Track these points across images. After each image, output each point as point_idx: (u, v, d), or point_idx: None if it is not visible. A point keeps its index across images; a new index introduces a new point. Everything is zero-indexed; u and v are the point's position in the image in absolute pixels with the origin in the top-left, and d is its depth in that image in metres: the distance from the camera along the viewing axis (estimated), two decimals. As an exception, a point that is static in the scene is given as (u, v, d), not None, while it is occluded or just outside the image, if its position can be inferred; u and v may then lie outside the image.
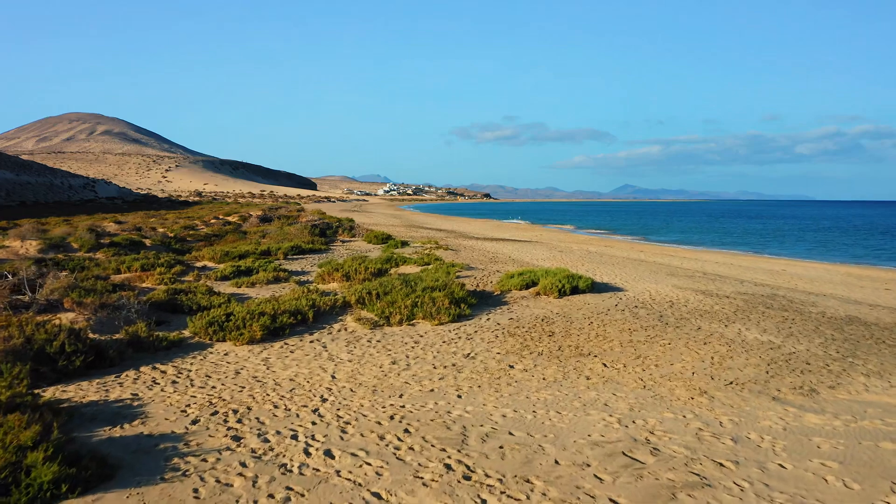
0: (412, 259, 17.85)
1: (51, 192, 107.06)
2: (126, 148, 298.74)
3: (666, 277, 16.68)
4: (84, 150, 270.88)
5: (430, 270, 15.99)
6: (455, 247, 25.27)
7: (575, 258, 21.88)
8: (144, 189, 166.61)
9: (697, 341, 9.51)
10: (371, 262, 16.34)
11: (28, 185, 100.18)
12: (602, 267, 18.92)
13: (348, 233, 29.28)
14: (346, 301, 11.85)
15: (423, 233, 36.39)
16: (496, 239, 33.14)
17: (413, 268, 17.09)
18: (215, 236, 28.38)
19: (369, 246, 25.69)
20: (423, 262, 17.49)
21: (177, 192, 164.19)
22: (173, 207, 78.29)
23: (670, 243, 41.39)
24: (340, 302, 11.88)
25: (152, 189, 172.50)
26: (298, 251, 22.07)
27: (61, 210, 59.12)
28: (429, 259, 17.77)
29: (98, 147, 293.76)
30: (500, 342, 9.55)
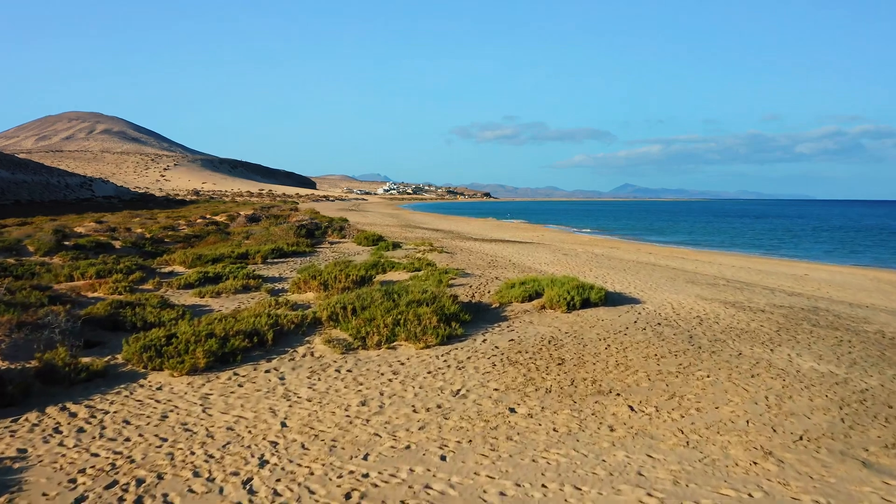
0: (402, 264, 16.03)
1: (47, 190, 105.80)
2: (125, 147, 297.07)
3: (686, 286, 14.86)
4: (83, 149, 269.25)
5: (420, 278, 14.19)
6: (451, 249, 23.46)
7: (581, 262, 20.06)
8: (142, 188, 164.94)
9: (742, 373, 7.69)
10: (354, 269, 14.53)
11: (24, 184, 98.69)
12: (612, 273, 17.10)
13: (338, 234, 27.49)
14: (316, 317, 10.04)
15: (418, 233, 34.58)
16: (495, 240, 31.33)
17: (402, 274, 15.27)
18: (195, 237, 26.57)
19: (359, 248, 23.89)
20: (413, 267, 15.67)
21: (174, 191, 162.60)
22: (168, 206, 76.64)
23: (679, 244, 39.57)
24: (310, 318, 10.07)
25: (150, 188, 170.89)
26: (279, 254, 20.25)
27: (55, 209, 57.76)
28: (420, 264, 15.94)
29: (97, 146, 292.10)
30: (497, 373, 7.74)
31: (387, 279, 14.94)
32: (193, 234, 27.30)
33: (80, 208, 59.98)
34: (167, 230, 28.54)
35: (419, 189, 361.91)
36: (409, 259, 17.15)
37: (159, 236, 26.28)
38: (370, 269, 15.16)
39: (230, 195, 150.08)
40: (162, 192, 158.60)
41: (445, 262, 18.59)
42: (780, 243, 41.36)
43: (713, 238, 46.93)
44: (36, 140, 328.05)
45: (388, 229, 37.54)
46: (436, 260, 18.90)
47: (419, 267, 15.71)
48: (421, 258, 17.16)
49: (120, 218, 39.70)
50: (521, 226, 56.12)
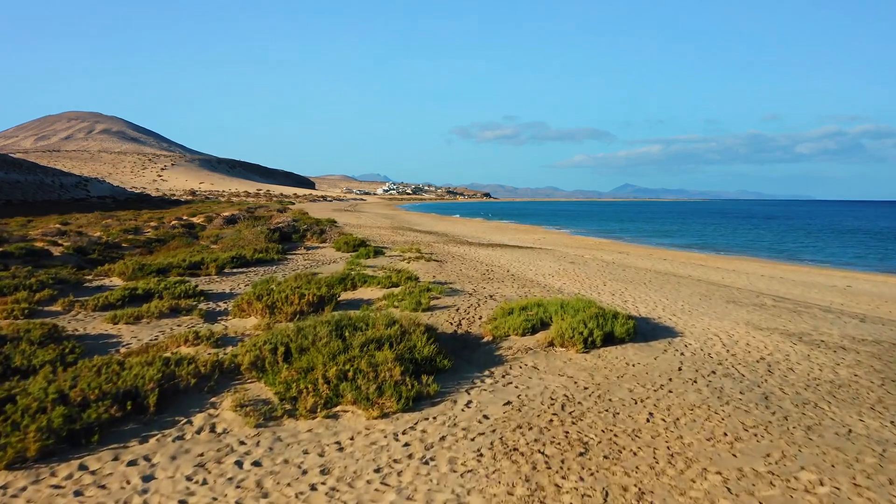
0: (377, 278, 13.17)
1: (40, 190, 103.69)
2: (125, 147, 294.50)
3: (727, 307, 12.01)
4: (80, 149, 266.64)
5: (395, 297, 11.37)
6: (441, 255, 20.64)
7: (591, 272, 17.23)
8: (139, 188, 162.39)
9: (871, 474, 4.86)
10: (314, 285, 11.70)
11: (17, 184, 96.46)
12: (631, 288, 14.27)
13: (317, 238, 24.68)
14: (235, 363, 7.21)
15: (410, 236, 31.75)
16: (493, 245, 28.49)
17: (375, 291, 12.45)
18: (157, 242, 23.78)
19: (337, 254, 21.07)
20: (390, 282, 12.82)
21: (171, 191, 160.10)
22: (158, 207, 74.24)
23: (693, 249, 36.68)
24: (228, 363, 7.24)
25: (147, 188, 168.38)
26: (240, 263, 17.42)
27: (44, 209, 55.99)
28: (399, 278, 13.09)
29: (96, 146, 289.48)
30: (484, 473, 4.90)
31: (356, 297, 12.12)
32: (156, 239, 24.49)
33: (71, 208, 57.73)
34: (129, 233, 25.71)
35: (419, 189, 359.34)
36: (388, 271, 14.28)
37: (116, 241, 23.45)
38: (336, 286, 12.33)
39: (227, 195, 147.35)
40: (159, 192, 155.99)
41: (432, 272, 15.76)
42: (801, 247, 38.38)
43: (728, 241, 43.97)
44: (35, 140, 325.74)
45: (377, 232, 34.74)
46: (421, 271, 16.07)
47: (397, 281, 12.87)
48: (402, 270, 14.31)
49: (91, 219, 36.92)
50: (520, 228, 53.27)
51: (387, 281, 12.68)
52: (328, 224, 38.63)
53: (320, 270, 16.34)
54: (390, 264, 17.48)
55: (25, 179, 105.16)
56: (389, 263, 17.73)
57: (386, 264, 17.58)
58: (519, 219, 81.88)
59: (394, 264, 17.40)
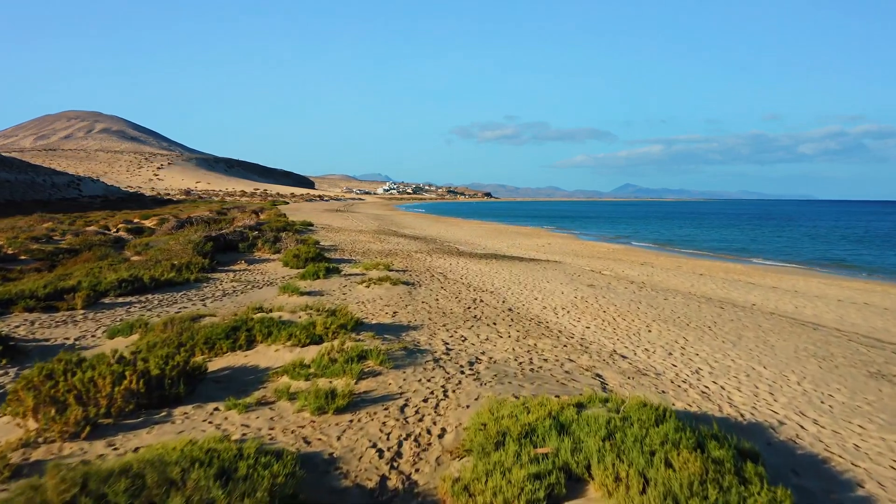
0: (290, 328, 8.16)
1: (31, 189, 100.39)
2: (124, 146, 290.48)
3: (867, 382, 7.07)
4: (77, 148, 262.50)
5: (301, 370, 6.47)
6: (418, 273, 15.75)
7: (621, 303, 12.29)
8: (134, 187, 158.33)
9: None
10: (158, 353, 6.78)
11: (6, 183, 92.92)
12: (693, 337, 9.30)
13: (269, 247, 19.78)
14: None
15: (392, 243, 26.82)
16: (488, 256, 23.54)
17: (282, 350, 7.51)
18: (68, 253, 18.93)
19: (282, 271, 16.16)
20: (308, 334, 7.86)
21: (167, 191, 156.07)
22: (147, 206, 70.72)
23: (724, 256, 31.61)
24: None
25: (143, 187, 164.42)
26: (135, 288, 12.48)
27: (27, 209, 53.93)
28: (328, 326, 8.13)
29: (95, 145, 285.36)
30: None
31: (246, 364, 7.21)
32: (68, 249, 19.63)
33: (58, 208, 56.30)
34: (38, 241, 20.81)
35: (419, 189, 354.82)
36: (316, 312, 9.26)
37: (14, 252, 18.58)
38: (219, 341, 7.44)
39: (221, 195, 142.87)
40: (154, 191, 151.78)
41: (393, 306, 10.85)
42: (854, 255, 33.03)
43: (759, 246, 38.62)
44: (35, 139, 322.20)
45: (355, 237, 29.83)
46: (378, 303, 11.14)
47: (322, 333, 7.92)
48: (338, 310, 9.26)
49: (31, 221, 32.19)
50: (522, 230, 48.24)
51: (302, 335, 7.71)
52: (302, 227, 33.73)
53: (237, 300, 11.42)
54: (339, 290, 12.57)
55: (16, 178, 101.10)
56: (339, 288, 12.81)
57: (333, 289, 12.66)
58: (520, 220, 77.01)
59: (344, 290, 12.49)
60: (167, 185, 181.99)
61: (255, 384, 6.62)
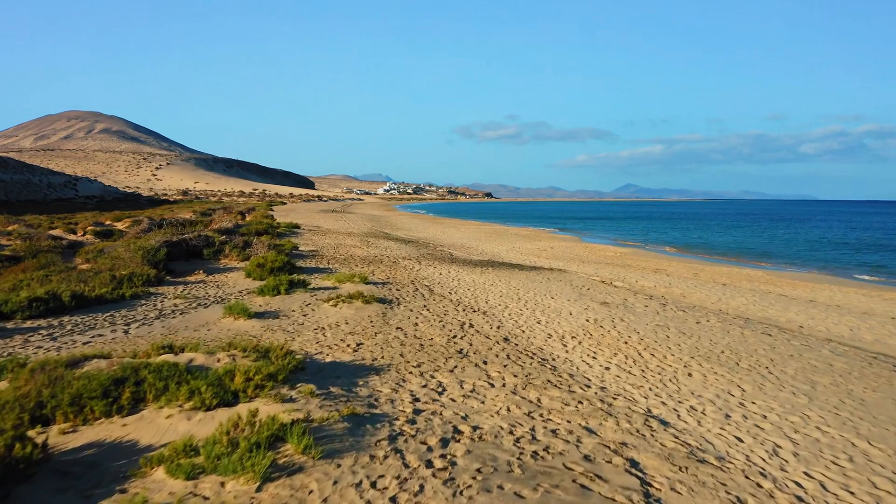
0: (196, 382, 5.87)
1: (26, 189, 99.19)
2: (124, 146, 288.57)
3: None
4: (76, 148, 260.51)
5: (179, 467, 4.22)
6: (400, 286, 13.46)
7: (644, 329, 9.98)
8: (132, 187, 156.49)
9: None
10: None
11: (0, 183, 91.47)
12: (752, 386, 6.98)
13: (238, 253, 17.51)
14: None
15: (380, 248, 24.53)
16: (485, 263, 21.24)
17: (176, 418, 5.24)
18: (9, 261, 16.67)
19: (246, 283, 13.88)
20: (223, 388, 5.59)
21: (164, 191, 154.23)
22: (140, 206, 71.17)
23: (742, 261, 29.23)
24: None
25: (141, 187, 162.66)
26: (44, 310, 10.19)
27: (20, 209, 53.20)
28: (257, 375, 5.87)
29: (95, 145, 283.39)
30: None
31: (119, 440, 4.92)
32: (10, 257, 17.36)
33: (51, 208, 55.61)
34: (-20, 247, 18.54)
35: (419, 189, 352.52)
36: (247, 350, 6.95)
37: (-55, 259, 16.32)
38: (93, 403, 5.18)
39: (218, 195, 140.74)
40: (152, 191, 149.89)
41: (360, 334, 8.57)
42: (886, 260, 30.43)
43: (778, 249, 35.87)
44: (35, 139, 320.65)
45: (342, 241, 27.54)
46: (344, 327, 8.86)
47: (238, 390, 5.65)
48: (275, 349, 6.95)
49: None
50: (522, 232, 45.92)
51: (209, 393, 5.43)
52: (287, 230, 31.44)
53: (171, 325, 9.13)
54: (300, 310, 10.28)
55: (11, 179, 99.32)
56: (300, 308, 10.52)
57: (293, 309, 10.37)
58: (521, 221, 74.71)
59: (305, 311, 10.20)
60: (165, 186, 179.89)
61: (117, 479, 4.34)
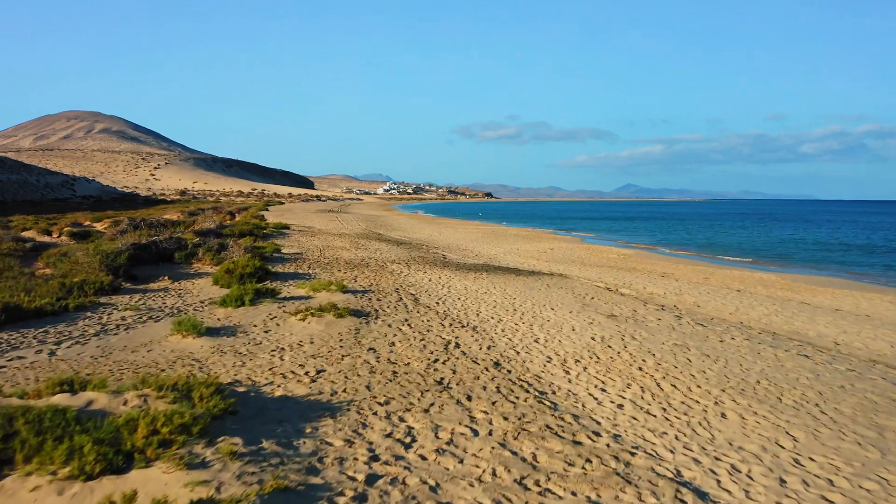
0: (95, 431, 4.53)
1: (23, 189, 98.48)
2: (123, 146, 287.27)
3: None
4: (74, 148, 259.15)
5: None
6: (383, 294, 12.06)
7: (660, 346, 8.58)
8: (130, 187, 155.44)
9: None
10: None
11: None
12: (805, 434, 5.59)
13: (212, 257, 16.12)
14: None
15: (369, 250, 23.13)
16: (480, 268, 19.83)
17: (45, 491, 3.87)
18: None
19: (213, 291, 12.49)
20: (119, 445, 4.23)
21: (162, 191, 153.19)
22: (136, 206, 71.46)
23: (753, 263, 27.74)
24: None
25: (139, 187, 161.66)
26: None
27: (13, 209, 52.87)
28: (166, 427, 4.50)
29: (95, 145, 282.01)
30: None
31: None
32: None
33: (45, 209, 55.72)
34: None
35: (419, 189, 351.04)
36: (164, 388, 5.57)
37: None
38: None
39: (216, 195, 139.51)
40: (150, 191, 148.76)
41: (324, 357, 7.18)
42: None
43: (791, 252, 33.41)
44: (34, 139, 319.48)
45: (332, 242, 26.15)
46: (307, 349, 7.47)
47: (139, 448, 4.28)
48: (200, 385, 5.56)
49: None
50: (522, 233, 44.52)
51: (91, 456, 4.06)
52: (275, 230, 30.07)
53: (108, 345, 7.72)
54: (262, 325, 8.89)
55: (7, 179, 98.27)
56: (264, 322, 9.13)
57: (255, 324, 8.98)
58: (521, 221, 73.29)
59: (269, 326, 8.81)
60: (164, 185, 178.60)
61: None
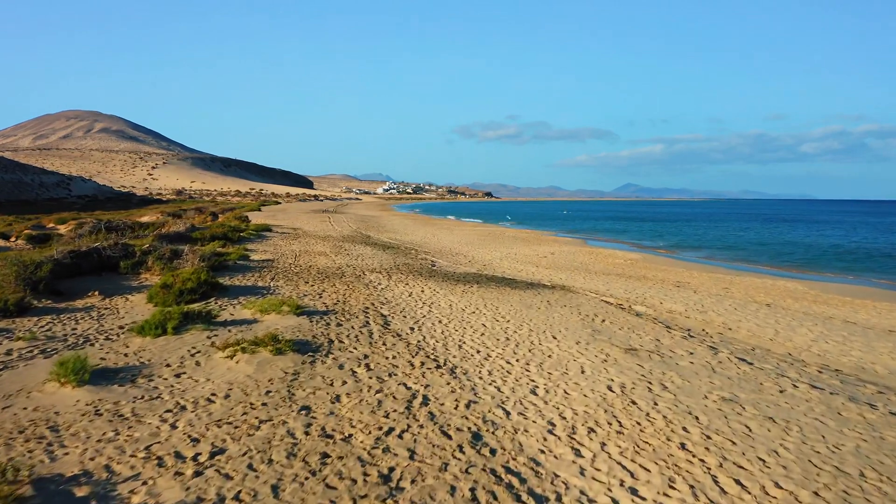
0: None
1: (17, 189, 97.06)
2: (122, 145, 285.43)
3: None
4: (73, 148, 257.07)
5: None
6: (347, 316, 9.86)
7: (702, 404, 6.38)
8: (127, 187, 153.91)
9: None
10: None
11: None
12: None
13: (163, 266, 13.91)
14: None
15: (351, 256, 20.91)
16: (471, 278, 17.61)
17: None
18: None
19: (145, 310, 10.30)
20: None
21: (159, 190, 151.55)
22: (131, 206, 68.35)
23: (773, 269, 25.50)
24: None
25: (136, 187, 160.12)
26: None
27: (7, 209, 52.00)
28: None
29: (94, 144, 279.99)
30: None
31: None
32: None
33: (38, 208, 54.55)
34: None
35: (419, 189, 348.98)
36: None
37: None
38: None
39: (213, 195, 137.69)
40: (147, 191, 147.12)
41: (233, 423, 4.98)
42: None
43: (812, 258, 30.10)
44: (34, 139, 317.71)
45: (314, 246, 23.93)
46: (213, 410, 5.27)
47: None
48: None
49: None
50: (521, 234, 42.32)
51: None
52: (254, 233, 27.86)
53: None
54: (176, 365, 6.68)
55: (2, 178, 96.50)
56: (180, 361, 6.92)
57: (169, 362, 6.75)
58: (521, 222, 71.10)
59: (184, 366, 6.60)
60: (161, 185, 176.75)
61: None
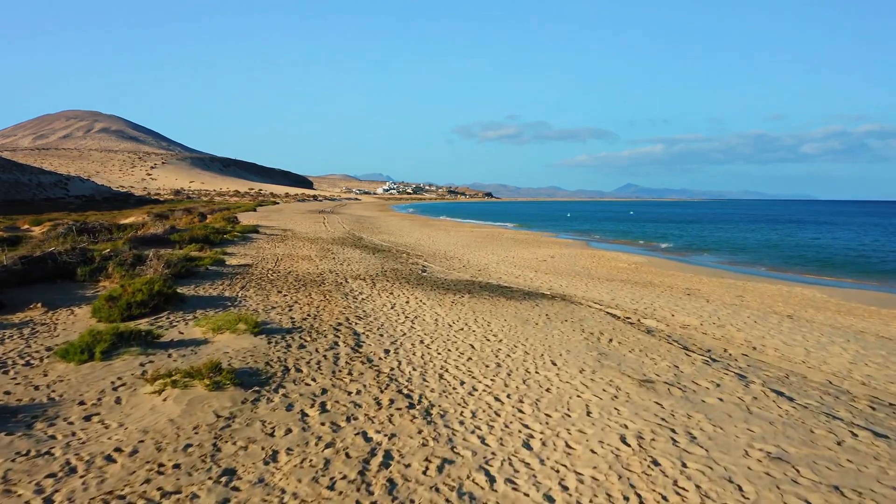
0: None
1: (14, 189, 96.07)
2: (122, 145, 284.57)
3: None
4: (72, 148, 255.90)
5: None
6: (315, 334, 8.57)
7: (745, 468, 5.07)
8: (126, 187, 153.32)
9: None
10: None
11: None
12: None
13: (124, 272, 12.59)
14: None
15: (337, 260, 19.58)
16: (463, 286, 16.28)
17: None
18: None
19: (87, 326, 9.02)
20: None
21: (158, 190, 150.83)
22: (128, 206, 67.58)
23: (787, 272, 24.17)
24: None
25: (135, 187, 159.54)
26: None
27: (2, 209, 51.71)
28: None
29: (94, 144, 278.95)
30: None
31: None
32: None
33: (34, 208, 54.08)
34: None
35: (419, 189, 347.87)
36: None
37: None
38: None
39: (211, 195, 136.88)
40: (145, 191, 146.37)
41: (135, 495, 3.71)
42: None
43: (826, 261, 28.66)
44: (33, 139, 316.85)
45: (299, 250, 22.62)
46: (109, 477, 3.96)
47: None
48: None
49: None
50: (520, 236, 41.00)
51: None
52: (240, 235, 26.54)
53: None
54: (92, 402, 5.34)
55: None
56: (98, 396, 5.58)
57: (87, 398, 5.39)
58: (521, 222, 69.79)
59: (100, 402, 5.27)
60: (160, 185, 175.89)
61: None
